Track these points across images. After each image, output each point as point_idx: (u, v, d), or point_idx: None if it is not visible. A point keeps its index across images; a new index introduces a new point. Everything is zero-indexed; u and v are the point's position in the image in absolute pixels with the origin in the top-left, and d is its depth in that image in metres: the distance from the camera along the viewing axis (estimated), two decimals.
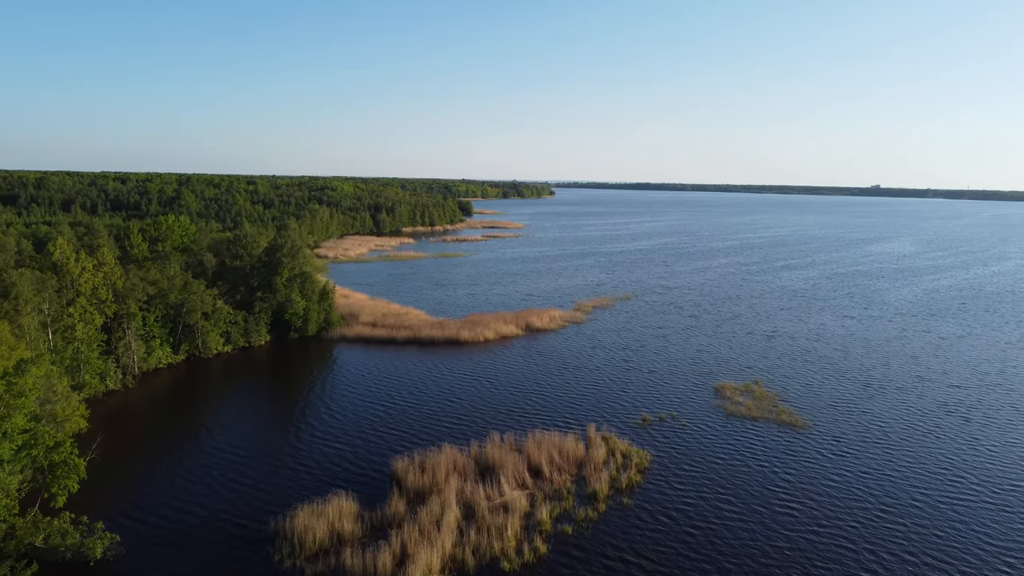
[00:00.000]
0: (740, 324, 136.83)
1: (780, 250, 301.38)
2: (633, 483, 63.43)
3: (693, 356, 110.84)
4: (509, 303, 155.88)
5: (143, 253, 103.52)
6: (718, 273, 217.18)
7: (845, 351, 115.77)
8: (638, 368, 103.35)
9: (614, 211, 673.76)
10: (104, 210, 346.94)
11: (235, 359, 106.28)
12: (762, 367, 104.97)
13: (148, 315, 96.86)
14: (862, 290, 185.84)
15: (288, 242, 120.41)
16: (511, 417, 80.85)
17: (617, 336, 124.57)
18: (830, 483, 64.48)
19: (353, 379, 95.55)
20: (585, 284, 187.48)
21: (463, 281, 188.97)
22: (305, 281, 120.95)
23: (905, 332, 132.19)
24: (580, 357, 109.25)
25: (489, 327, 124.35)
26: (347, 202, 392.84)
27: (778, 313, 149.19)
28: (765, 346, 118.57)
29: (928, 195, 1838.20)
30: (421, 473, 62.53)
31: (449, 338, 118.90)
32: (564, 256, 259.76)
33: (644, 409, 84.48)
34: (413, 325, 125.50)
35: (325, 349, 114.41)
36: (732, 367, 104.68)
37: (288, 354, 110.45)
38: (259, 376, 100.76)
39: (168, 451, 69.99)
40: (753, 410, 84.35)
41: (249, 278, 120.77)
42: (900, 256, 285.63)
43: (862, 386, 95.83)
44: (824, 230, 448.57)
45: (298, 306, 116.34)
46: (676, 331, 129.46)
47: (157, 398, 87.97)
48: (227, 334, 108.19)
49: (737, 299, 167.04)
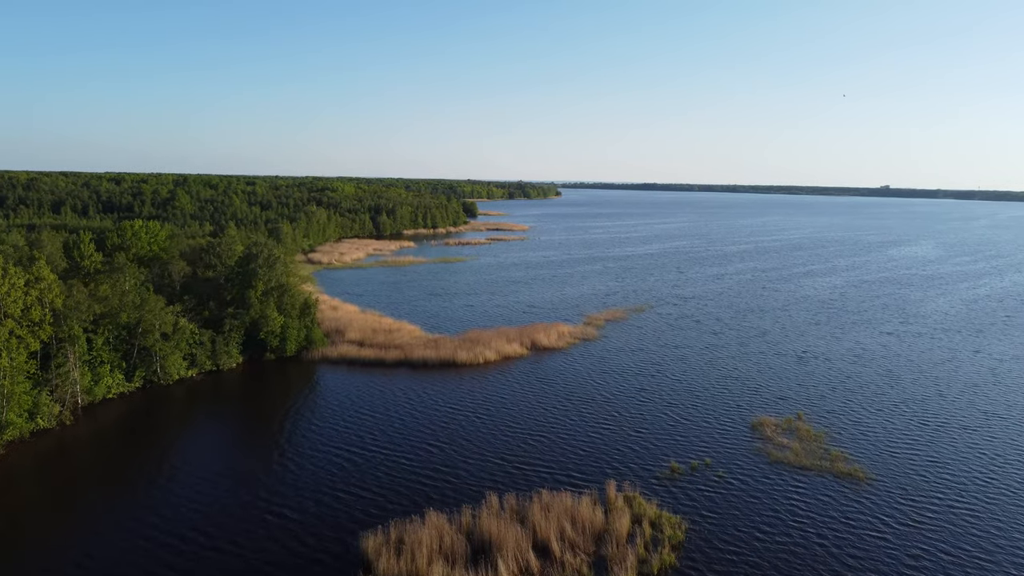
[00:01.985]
0: (768, 342, 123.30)
1: (798, 255, 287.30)
2: (666, 566, 50.17)
3: (720, 383, 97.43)
4: (512, 316, 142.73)
5: (95, 265, 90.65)
6: (736, 281, 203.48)
7: (892, 377, 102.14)
8: (659, 398, 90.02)
9: (622, 212, 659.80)
10: (95, 212, 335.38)
11: (200, 386, 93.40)
12: (801, 397, 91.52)
13: (95, 337, 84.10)
14: (895, 301, 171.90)
15: (264, 251, 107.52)
16: (513, 467, 67.67)
17: (632, 357, 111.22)
18: (907, 563, 51.05)
19: (330, 413, 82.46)
20: (594, 293, 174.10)
21: (463, 290, 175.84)
22: (284, 294, 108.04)
23: (955, 353, 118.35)
24: (593, 384, 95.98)
25: (489, 346, 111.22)
26: (347, 203, 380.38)
27: (809, 329, 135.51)
28: (800, 370, 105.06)
29: (939, 196, 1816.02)
30: (397, 556, 49.38)
31: (444, 360, 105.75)
32: (571, 261, 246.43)
33: (671, 454, 71.20)
34: (405, 344, 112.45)
35: (304, 373, 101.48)
36: (767, 397, 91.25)
37: (261, 379, 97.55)
38: (224, 406, 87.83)
39: (110, 503, 57.05)
40: (801, 456, 70.95)
41: (221, 291, 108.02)
42: (926, 261, 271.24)
43: (919, 423, 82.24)
44: (840, 232, 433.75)
45: (274, 323, 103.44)
46: (697, 351, 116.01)
47: (102, 436, 75.16)
48: (191, 356, 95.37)
49: (760, 312, 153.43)
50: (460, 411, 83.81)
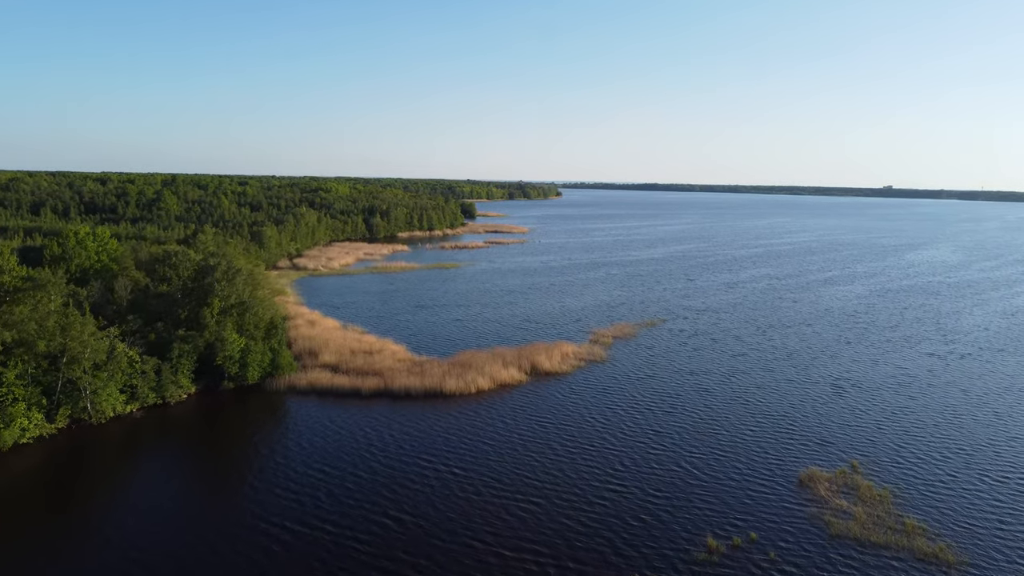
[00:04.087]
0: (797, 367, 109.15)
1: (812, 260, 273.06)
2: None
3: (752, 422, 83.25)
4: (509, 332, 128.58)
5: (14, 282, 76.58)
6: (750, 290, 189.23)
7: (950, 414, 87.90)
8: (682, 444, 75.86)
9: (623, 213, 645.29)
10: (76, 213, 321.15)
11: (141, 424, 79.25)
12: (849, 440, 77.35)
13: (6, 371, 70.00)
14: (928, 314, 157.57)
15: (222, 262, 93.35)
16: (510, 552, 53.51)
17: (645, 387, 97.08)
18: None
19: (287, 465, 68.24)
20: (598, 304, 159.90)
21: (455, 301, 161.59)
22: (246, 312, 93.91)
23: (1012, 381, 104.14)
24: (601, 424, 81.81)
25: (483, 371, 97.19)
26: (340, 205, 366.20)
27: (840, 349, 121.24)
28: (841, 404, 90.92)
29: (942, 196, 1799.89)
30: None
31: (430, 389, 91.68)
32: (572, 267, 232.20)
33: (705, 525, 57.03)
34: (386, 369, 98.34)
35: (266, 405, 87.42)
36: (809, 440, 77.09)
37: (215, 414, 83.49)
38: (168, 449, 73.72)
39: None
40: (868, 526, 56.80)
41: (175, 309, 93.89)
42: (948, 267, 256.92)
43: (999, 480, 68.02)
44: (851, 235, 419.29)
45: (232, 347, 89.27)
46: (719, 379, 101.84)
47: (13, 492, 61.16)
48: (131, 389, 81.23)
49: (782, 327, 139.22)
50: (443, 459, 69.66)
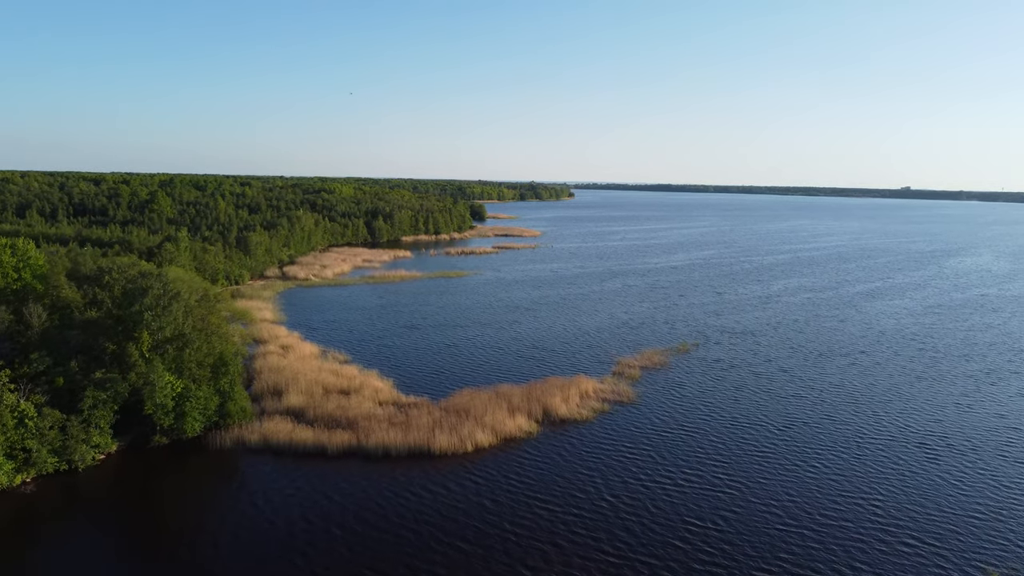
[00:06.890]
0: (867, 417, 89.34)
1: (847, 268, 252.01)
2: None
3: (832, 494, 63.70)
4: (515, 362, 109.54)
5: None
6: (787, 305, 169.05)
7: None
8: (748, 538, 56.49)
9: (638, 215, 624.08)
10: (65, 215, 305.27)
11: (33, 501, 60.95)
12: (967, 534, 57.73)
13: None
14: (1003, 338, 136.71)
15: (156, 285, 74.77)
16: None
17: (686, 444, 77.63)
18: None
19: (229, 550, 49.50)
20: (617, 324, 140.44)
21: (455, 319, 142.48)
22: (186, 348, 75.33)
23: None
24: (637, 501, 62.51)
25: (482, 421, 78.26)
26: (343, 207, 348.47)
27: (915, 389, 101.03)
28: (938, 474, 71.09)
29: (962, 197, 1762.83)
30: None
31: (415, 448, 72.72)
32: (587, 276, 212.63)
33: None
34: (361, 418, 79.48)
35: (206, 467, 68.99)
36: (919, 537, 57.49)
37: (135, 483, 65.08)
38: (60, 537, 55.10)
39: None
40: None
41: (99, 342, 75.51)
42: (997, 277, 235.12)
43: None
44: (881, 239, 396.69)
45: (164, 393, 70.74)
46: (775, 431, 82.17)
47: None
48: (24, 453, 62.90)
49: (835, 357, 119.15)
50: (427, 546, 50.63)
